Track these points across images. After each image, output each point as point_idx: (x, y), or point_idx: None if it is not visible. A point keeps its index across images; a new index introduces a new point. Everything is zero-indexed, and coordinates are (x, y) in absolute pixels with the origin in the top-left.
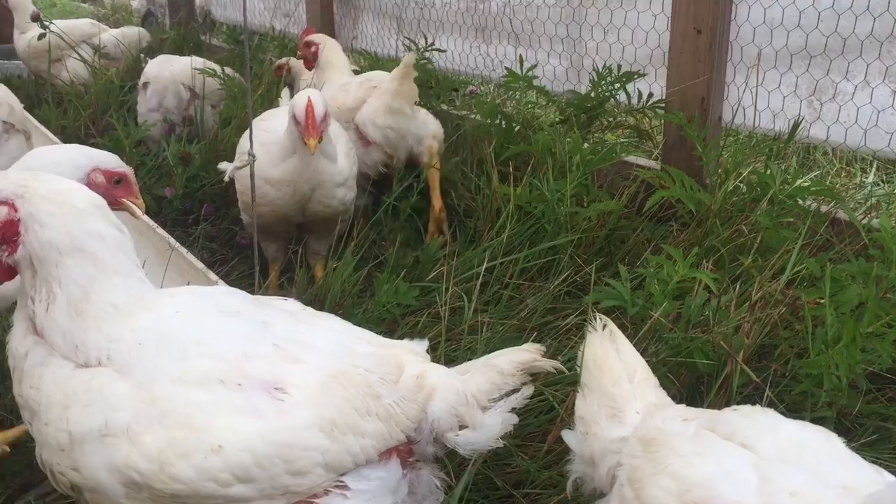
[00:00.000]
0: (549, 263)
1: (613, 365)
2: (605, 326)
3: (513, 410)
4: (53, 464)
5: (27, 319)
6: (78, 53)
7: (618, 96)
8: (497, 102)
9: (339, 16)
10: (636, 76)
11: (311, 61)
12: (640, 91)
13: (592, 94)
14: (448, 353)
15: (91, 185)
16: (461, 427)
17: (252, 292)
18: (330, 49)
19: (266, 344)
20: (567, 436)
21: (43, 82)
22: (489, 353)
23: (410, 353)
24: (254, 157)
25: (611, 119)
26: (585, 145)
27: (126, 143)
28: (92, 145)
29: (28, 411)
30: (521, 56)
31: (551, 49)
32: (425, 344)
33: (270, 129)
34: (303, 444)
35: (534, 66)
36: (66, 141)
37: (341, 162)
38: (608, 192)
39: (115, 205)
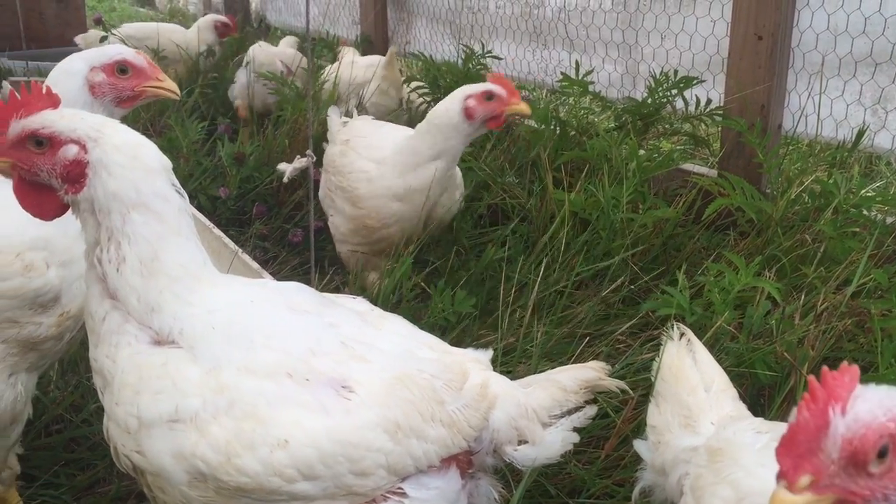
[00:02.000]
0: (603, 270)
1: (690, 374)
2: (682, 335)
3: (574, 429)
4: (119, 443)
5: (100, 281)
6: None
7: (674, 103)
8: (551, 108)
9: (392, 21)
10: (694, 82)
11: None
12: (697, 98)
13: (649, 101)
14: (502, 359)
15: (95, 89)
16: (520, 441)
17: None
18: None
19: (334, 342)
20: (638, 445)
21: None
22: (543, 359)
23: (474, 362)
24: (313, 157)
25: (667, 126)
26: (641, 152)
27: (183, 143)
28: None
29: (101, 379)
30: (577, 61)
31: (606, 55)
32: (490, 354)
33: (379, 144)
34: (367, 444)
35: (590, 72)
36: None
37: None
38: (664, 200)
39: (136, 98)
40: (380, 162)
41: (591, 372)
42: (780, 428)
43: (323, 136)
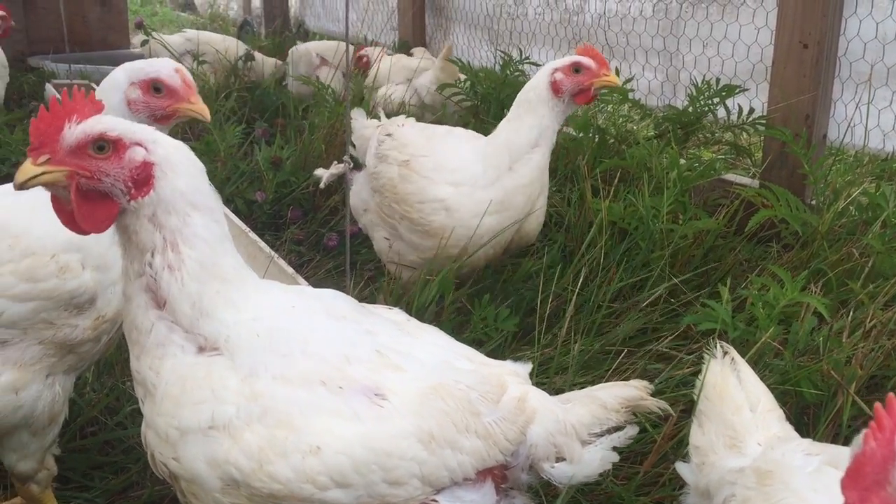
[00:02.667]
0: (642, 282)
1: (734, 393)
2: (725, 353)
3: (614, 449)
4: (157, 451)
5: (146, 290)
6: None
7: (716, 111)
8: (589, 115)
9: (430, 27)
10: (737, 90)
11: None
12: (739, 106)
13: (690, 109)
14: (538, 369)
15: (131, 105)
16: (558, 459)
17: None
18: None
19: (369, 350)
20: (681, 468)
21: None
22: (580, 372)
23: (513, 375)
24: (350, 162)
25: (708, 135)
26: (682, 161)
27: (221, 147)
28: None
29: (143, 389)
30: (616, 68)
31: (646, 62)
32: (528, 367)
33: (447, 162)
34: (401, 452)
35: (630, 79)
36: None
37: None
38: (704, 210)
39: (168, 118)
40: (457, 184)
41: (633, 390)
42: (831, 450)
43: None
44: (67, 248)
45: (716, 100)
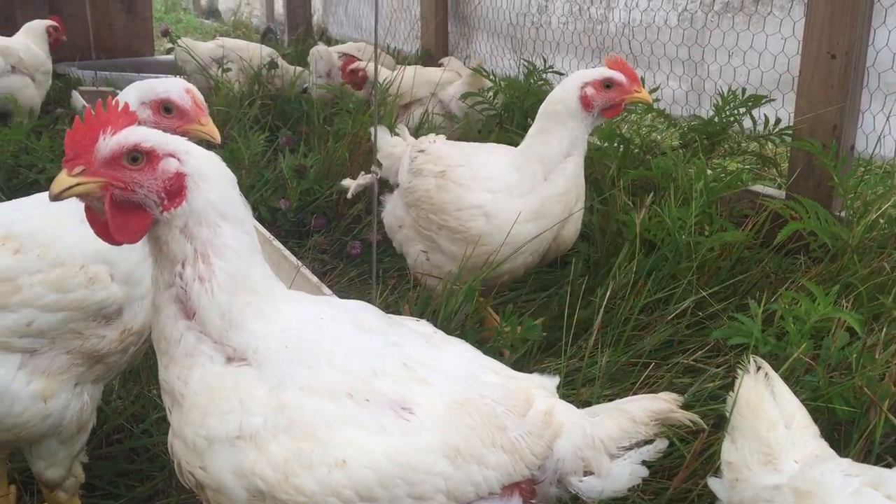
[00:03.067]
0: (668, 295)
1: (769, 409)
2: (759, 368)
3: (643, 463)
4: (183, 460)
5: (176, 301)
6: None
7: (742, 121)
8: (613, 124)
9: (453, 35)
10: (763, 101)
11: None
12: (766, 117)
13: (716, 119)
14: (564, 380)
15: (142, 125)
16: (586, 473)
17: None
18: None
19: (396, 363)
20: (713, 483)
21: None
22: (607, 385)
23: (539, 388)
24: (378, 172)
25: (734, 145)
26: (709, 171)
27: (245, 155)
28: None
29: (170, 398)
30: (643, 78)
31: (671, 71)
32: (556, 381)
33: (483, 171)
34: (426, 467)
35: (656, 88)
36: None
37: None
38: (730, 221)
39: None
40: (493, 191)
41: (662, 403)
42: (872, 472)
43: None
44: (96, 258)
45: (742, 110)
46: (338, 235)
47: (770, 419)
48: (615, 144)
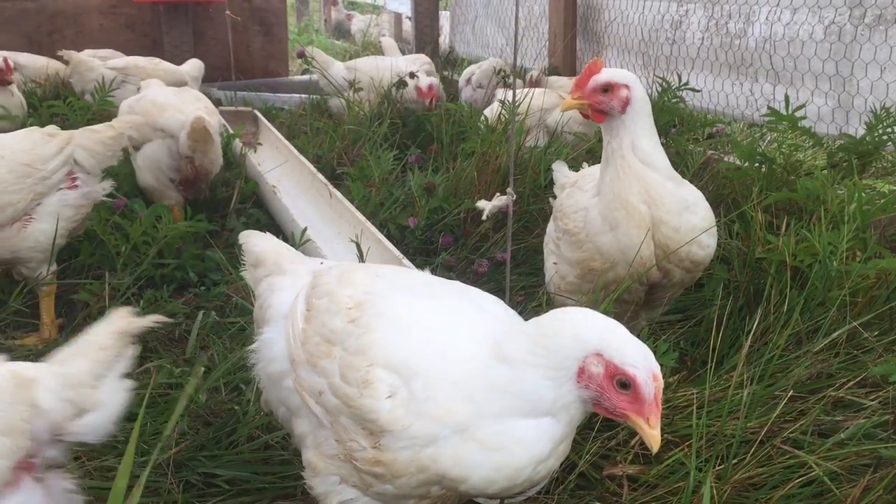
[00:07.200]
0: (817, 325)
1: None
2: None
3: (125, 376)
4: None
5: None
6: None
7: None
8: (754, 143)
9: (581, 51)
10: None
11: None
12: None
13: (867, 138)
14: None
15: (581, 375)
16: (81, 414)
17: None
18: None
19: None
20: None
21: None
22: (752, 417)
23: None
24: (513, 195)
25: (887, 165)
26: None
27: (376, 173)
28: (341, 174)
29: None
30: (786, 94)
31: (816, 87)
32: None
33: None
34: None
35: (802, 106)
36: (319, 170)
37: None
38: (886, 247)
39: (611, 414)
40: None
41: (119, 321)
42: None
43: (517, 169)
44: None
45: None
46: (465, 254)
47: None
48: (756, 164)
